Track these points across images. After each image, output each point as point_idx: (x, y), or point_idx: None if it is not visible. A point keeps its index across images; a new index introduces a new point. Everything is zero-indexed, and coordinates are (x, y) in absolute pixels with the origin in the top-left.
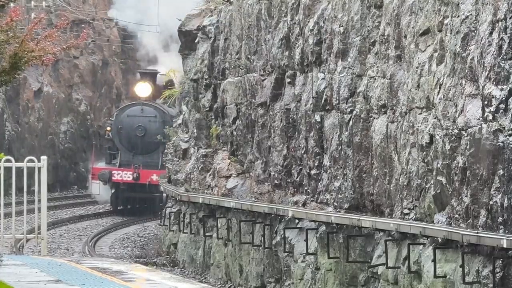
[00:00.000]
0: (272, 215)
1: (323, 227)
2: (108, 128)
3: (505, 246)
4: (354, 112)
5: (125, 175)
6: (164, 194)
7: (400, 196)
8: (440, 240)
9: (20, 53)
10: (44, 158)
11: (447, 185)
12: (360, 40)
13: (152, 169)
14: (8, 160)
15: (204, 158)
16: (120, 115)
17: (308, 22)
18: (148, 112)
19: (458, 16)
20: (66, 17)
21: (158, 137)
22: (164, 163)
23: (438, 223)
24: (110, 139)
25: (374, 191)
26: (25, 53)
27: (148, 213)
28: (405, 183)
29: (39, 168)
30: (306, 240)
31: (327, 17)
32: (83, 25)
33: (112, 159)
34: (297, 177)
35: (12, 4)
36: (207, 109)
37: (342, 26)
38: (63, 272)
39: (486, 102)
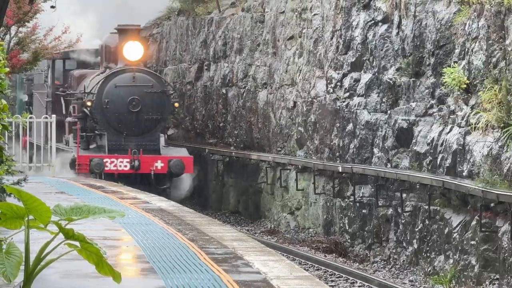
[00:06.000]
0: (196, 151)
1: (227, 159)
2: (89, 103)
3: (340, 170)
4: (247, 87)
5: (121, 164)
6: (168, 185)
7: (275, 139)
8: (300, 167)
9: (39, 50)
10: (54, 116)
11: (304, 133)
12: (250, 43)
13: (153, 154)
14: (31, 117)
15: None
16: (105, 86)
17: (218, 31)
18: (142, 80)
19: (311, 27)
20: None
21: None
22: (165, 146)
23: (298, 156)
24: (84, 117)
25: (259, 137)
26: (42, 50)
27: None
28: (278, 132)
29: (50, 123)
30: (217, 167)
31: (230, 28)
32: None
33: (89, 143)
34: (211, 128)
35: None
36: None
37: (239, 34)
38: (66, 187)
39: (328, 81)
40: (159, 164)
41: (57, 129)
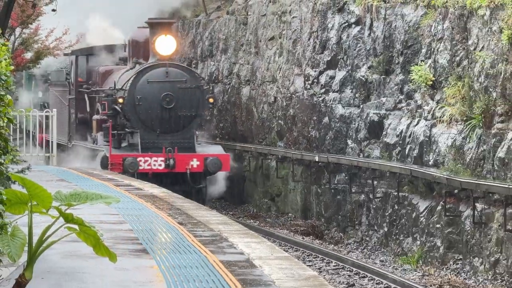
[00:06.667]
0: None
1: None
2: (121, 100)
3: (317, 160)
4: (231, 84)
5: (155, 163)
6: (204, 184)
7: (257, 132)
8: (280, 156)
9: (41, 50)
10: (54, 110)
11: (284, 125)
12: (234, 43)
13: (188, 152)
14: (34, 111)
15: None
16: (137, 82)
17: (205, 32)
18: (175, 75)
19: (290, 29)
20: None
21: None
22: (198, 143)
23: (278, 147)
24: (115, 115)
25: (243, 129)
26: (44, 50)
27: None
28: (260, 124)
29: (52, 116)
30: None
31: (216, 30)
32: None
33: (120, 142)
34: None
35: (37, 20)
36: None
37: (224, 35)
38: (66, 175)
39: (306, 78)
40: (194, 163)
41: (81, 127)
